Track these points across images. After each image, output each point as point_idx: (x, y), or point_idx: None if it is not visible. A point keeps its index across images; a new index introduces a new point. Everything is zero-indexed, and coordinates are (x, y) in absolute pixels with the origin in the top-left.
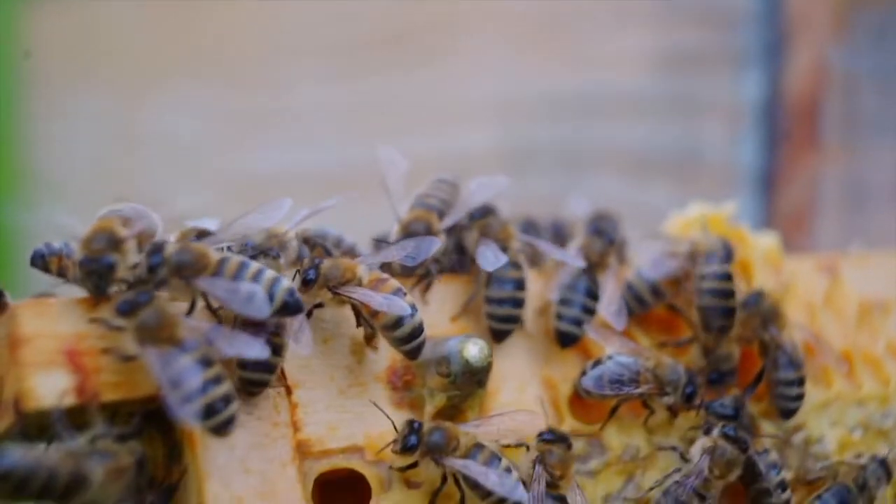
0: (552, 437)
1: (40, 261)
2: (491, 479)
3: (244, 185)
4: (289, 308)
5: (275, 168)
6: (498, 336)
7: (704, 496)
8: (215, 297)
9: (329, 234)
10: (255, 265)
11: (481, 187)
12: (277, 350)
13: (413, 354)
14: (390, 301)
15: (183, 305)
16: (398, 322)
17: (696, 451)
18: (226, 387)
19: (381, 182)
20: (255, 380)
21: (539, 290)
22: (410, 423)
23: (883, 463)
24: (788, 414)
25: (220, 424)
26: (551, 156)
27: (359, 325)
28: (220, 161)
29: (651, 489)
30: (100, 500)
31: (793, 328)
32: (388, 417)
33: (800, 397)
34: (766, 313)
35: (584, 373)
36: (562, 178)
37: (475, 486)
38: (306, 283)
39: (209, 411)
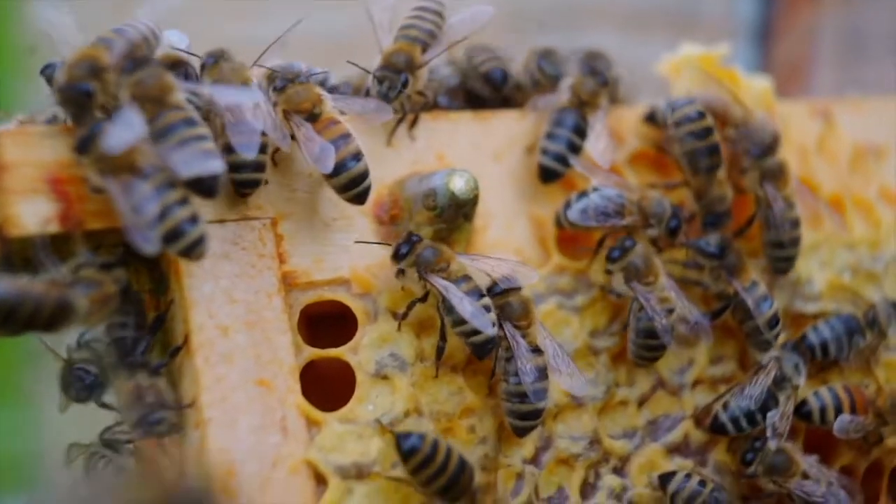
0: (503, 288)
1: (49, 73)
2: (466, 307)
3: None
4: None
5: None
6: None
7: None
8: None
9: (296, 67)
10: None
11: (465, 19)
12: (263, 148)
13: (354, 202)
14: (321, 154)
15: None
16: (333, 170)
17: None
18: (190, 208)
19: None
20: (247, 180)
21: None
22: (410, 234)
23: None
24: (779, 272)
25: (189, 246)
26: (551, 13)
27: None
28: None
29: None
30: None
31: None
32: (381, 245)
33: (789, 259)
34: (766, 169)
35: (568, 205)
36: (561, 35)
37: (450, 310)
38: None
39: (175, 234)
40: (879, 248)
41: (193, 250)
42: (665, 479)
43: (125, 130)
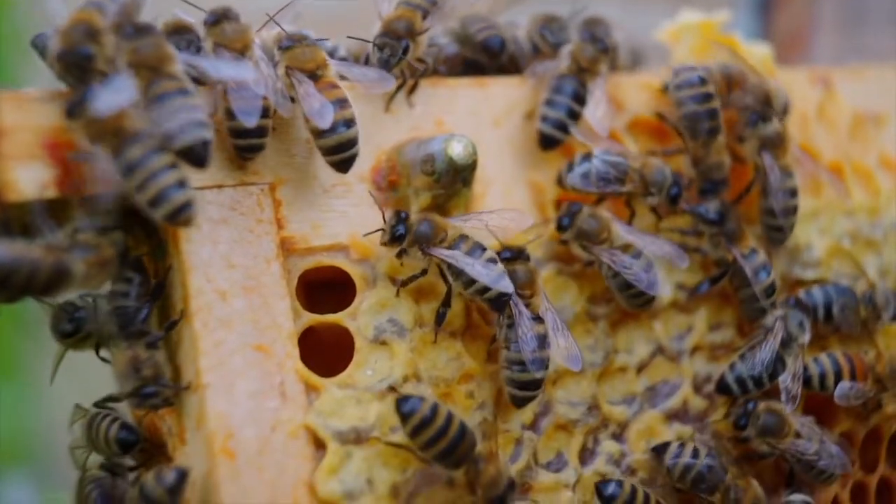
0: (510, 255)
1: (40, 43)
2: (476, 268)
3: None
4: None
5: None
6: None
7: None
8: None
9: (306, 33)
10: None
11: None
12: (266, 112)
13: (338, 167)
14: (321, 109)
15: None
16: (322, 132)
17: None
18: (178, 173)
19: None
20: (250, 146)
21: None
22: (397, 212)
23: None
24: (775, 242)
25: (173, 211)
26: None
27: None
28: None
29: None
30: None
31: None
32: (380, 210)
33: (784, 228)
34: (765, 137)
35: (570, 167)
36: (562, 3)
37: (459, 274)
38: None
39: (159, 199)
40: (879, 216)
41: (179, 216)
42: (659, 450)
43: (115, 94)
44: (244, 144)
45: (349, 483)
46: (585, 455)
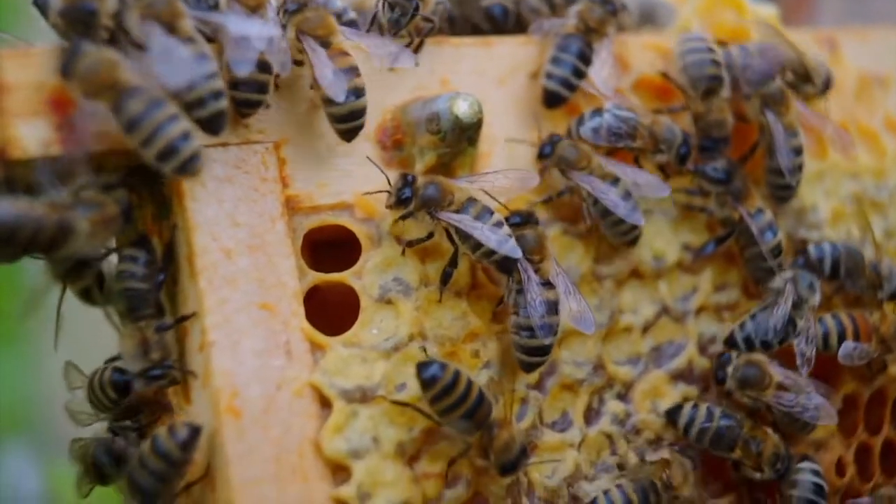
0: (520, 220)
1: (42, 1)
2: (484, 233)
3: None
4: None
5: None
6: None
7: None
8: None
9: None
10: None
11: None
12: (266, 68)
13: (344, 136)
14: (334, 80)
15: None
16: (331, 100)
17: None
18: (182, 124)
19: None
20: (245, 99)
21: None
22: (404, 175)
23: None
24: (781, 200)
25: (183, 163)
26: None
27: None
28: None
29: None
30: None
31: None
32: (382, 172)
33: (789, 187)
34: (767, 95)
35: (581, 121)
36: None
37: (467, 238)
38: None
39: (169, 152)
40: (884, 178)
41: (188, 168)
42: (673, 413)
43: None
44: (240, 98)
45: (355, 441)
46: (591, 415)
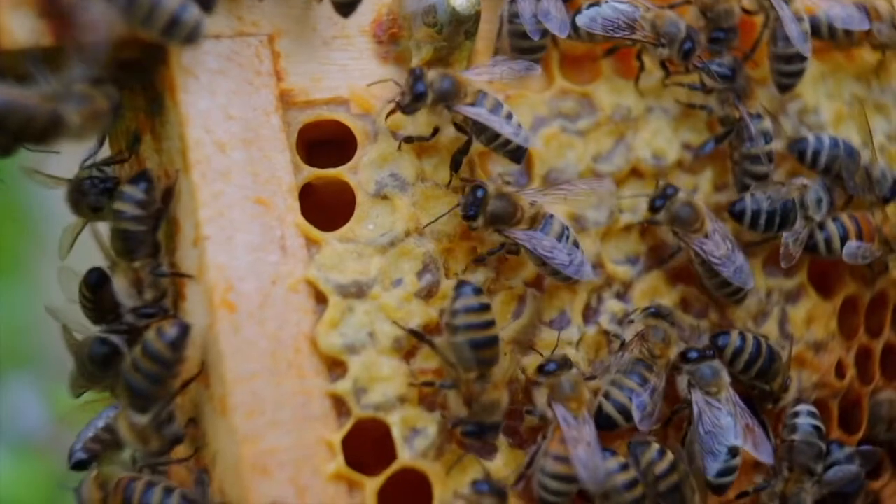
0: (657, 312)
1: None
2: (504, 127)
3: None
4: None
5: None
6: None
7: None
8: None
9: None
10: None
11: None
12: None
13: (341, 10)
14: None
15: None
16: None
17: None
18: None
19: None
20: None
21: None
22: (413, 70)
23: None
24: (784, 88)
25: (190, 32)
26: None
27: None
28: None
29: None
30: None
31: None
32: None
33: (797, 73)
34: None
35: (578, 10)
36: None
37: (483, 130)
38: None
39: (174, 24)
40: (889, 79)
41: (195, 36)
42: (719, 341)
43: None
44: None
45: (350, 336)
46: (589, 313)
